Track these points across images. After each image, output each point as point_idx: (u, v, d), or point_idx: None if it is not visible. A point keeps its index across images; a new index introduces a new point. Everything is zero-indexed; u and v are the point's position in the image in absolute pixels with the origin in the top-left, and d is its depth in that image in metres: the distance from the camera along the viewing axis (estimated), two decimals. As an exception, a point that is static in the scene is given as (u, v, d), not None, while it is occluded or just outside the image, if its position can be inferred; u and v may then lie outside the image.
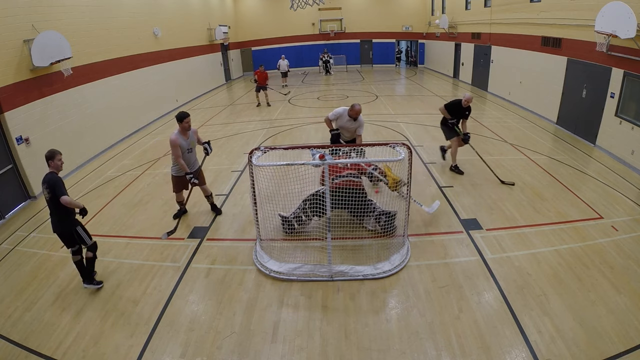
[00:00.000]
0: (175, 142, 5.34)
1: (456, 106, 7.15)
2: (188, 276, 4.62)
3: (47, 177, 4.15)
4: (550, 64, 10.35)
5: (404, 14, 23.88)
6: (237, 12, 23.48)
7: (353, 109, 5.90)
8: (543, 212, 5.69)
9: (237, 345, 3.58)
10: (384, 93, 15.77)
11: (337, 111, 6.10)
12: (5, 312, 4.17)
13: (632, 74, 7.33)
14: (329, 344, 3.56)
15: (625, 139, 7.48)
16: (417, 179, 6.83)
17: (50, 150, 4.33)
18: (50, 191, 4.06)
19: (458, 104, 7.12)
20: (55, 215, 4.19)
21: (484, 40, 15.10)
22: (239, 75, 23.58)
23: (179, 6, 15.20)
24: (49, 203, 4.17)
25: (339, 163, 4.92)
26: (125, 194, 7.05)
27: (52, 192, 4.05)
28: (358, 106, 5.92)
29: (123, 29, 10.89)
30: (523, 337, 3.50)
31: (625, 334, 3.47)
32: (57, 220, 4.20)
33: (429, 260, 4.70)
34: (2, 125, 6.62)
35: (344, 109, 6.05)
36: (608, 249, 4.74)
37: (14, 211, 6.67)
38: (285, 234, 5.29)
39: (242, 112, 13.53)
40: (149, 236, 5.54)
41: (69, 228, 4.24)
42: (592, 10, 8.01)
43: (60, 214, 4.17)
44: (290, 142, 9.60)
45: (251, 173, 4.56)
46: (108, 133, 9.86)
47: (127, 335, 3.75)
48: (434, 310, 3.90)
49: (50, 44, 7.27)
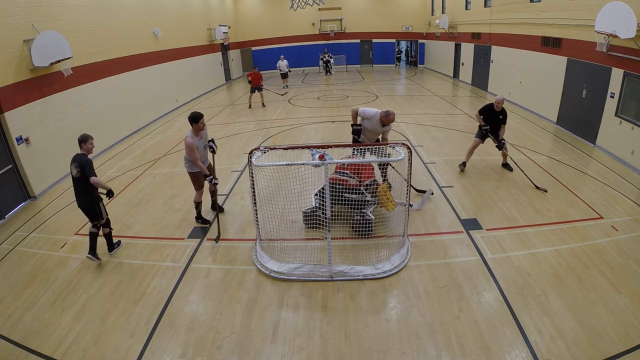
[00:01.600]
0: (193, 145, 5.15)
1: (488, 111, 6.88)
2: (188, 276, 4.62)
3: (78, 157, 4.62)
4: (550, 64, 10.35)
5: (404, 14, 23.88)
6: (237, 12, 23.48)
7: (388, 117, 5.75)
8: (543, 212, 5.69)
9: (237, 345, 3.58)
10: (384, 93, 15.77)
11: (369, 112, 5.93)
12: (5, 312, 4.17)
13: (632, 74, 7.33)
14: (329, 344, 3.56)
15: (625, 139, 7.48)
16: (417, 179, 6.83)
17: (83, 134, 4.80)
18: (80, 170, 4.55)
19: (490, 108, 6.85)
20: (81, 193, 4.69)
21: (484, 40, 15.10)
22: (239, 75, 23.58)
23: (179, 6, 15.20)
24: (76, 181, 4.65)
25: (338, 163, 4.93)
26: (125, 194, 7.05)
27: (82, 172, 4.55)
28: (393, 115, 5.77)
29: (123, 29, 10.89)
30: (523, 337, 3.50)
31: (625, 334, 3.47)
32: (83, 196, 4.71)
33: (429, 260, 4.70)
34: (2, 125, 6.62)
35: (376, 112, 5.86)
36: (608, 249, 4.74)
37: (14, 211, 6.67)
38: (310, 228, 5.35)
39: (242, 112, 13.53)
40: (149, 236, 5.54)
41: (93, 204, 4.76)
42: (592, 10, 8.01)
43: (87, 191, 4.67)
44: (290, 142, 9.59)
45: (251, 173, 4.57)
46: (108, 133, 9.86)
47: (127, 335, 3.75)
48: (434, 310, 3.90)
49: (50, 44, 7.27)
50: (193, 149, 5.16)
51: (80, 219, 6.17)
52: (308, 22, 24.04)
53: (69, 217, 6.31)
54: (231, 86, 20.35)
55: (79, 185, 4.65)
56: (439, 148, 8.69)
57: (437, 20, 19.49)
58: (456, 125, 10.46)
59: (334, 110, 12.96)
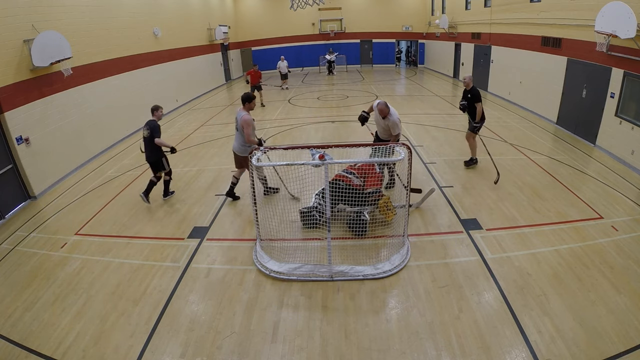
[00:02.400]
0: (250, 120, 5.65)
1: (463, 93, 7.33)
2: (188, 276, 4.62)
3: (150, 122, 6.09)
4: (550, 64, 10.35)
5: (404, 14, 23.88)
6: (237, 12, 23.48)
7: (377, 107, 5.89)
8: (543, 212, 5.69)
9: (237, 345, 3.58)
10: (384, 93, 15.77)
11: (375, 104, 6.01)
12: (5, 312, 4.17)
13: (632, 74, 7.32)
14: (329, 344, 3.56)
15: (625, 139, 7.48)
16: (417, 178, 6.83)
17: (155, 105, 6.24)
18: (150, 132, 6.02)
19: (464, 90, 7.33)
20: (149, 149, 6.16)
21: (484, 40, 15.10)
22: (239, 75, 23.57)
23: (179, 6, 15.20)
24: (146, 140, 6.11)
25: (338, 163, 4.92)
26: (125, 194, 7.06)
27: (150, 133, 6.01)
28: (382, 104, 5.85)
29: (123, 29, 10.89)
30: (523, 337, 3.50)
31: (625, 334, 3.47)
32: (150, 152, 6.18)
33: (429, 260, 4.70)
34: (2, 125, 6.62)
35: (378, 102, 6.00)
36: (608, 249, 4.74)
37: (14, 211, 6.67)
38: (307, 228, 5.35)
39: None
40: (149, 236, 5.54)
41: (158, 158, 6.26)
42: (592, 10, 8.01)
43: (152, 149, 6.14)
44: (290, 142, 9.60)
45: (251, 173, 4.57)
46: (108, 133, 9.87)
47: (127, 335, 3.75)
48: (434, 310, 3.90)
49: (50, 44, 7.26)
50: (250, 124, 5.67)
51: (80, 219, 6.19)
52: (308, 22, 24.04)
53: (69, 217, 6.31)
54: (231, 86, 20.35)
55: (148, 143, 6.10)
56: (439, 148, 8.70)
57: (437, 20, 19.49)
58: (456, 125, 10.46)
59: (334, 110, 12.95)
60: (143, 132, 6.09)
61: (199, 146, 9.71)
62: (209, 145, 9.71)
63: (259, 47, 24.32)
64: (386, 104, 5.86)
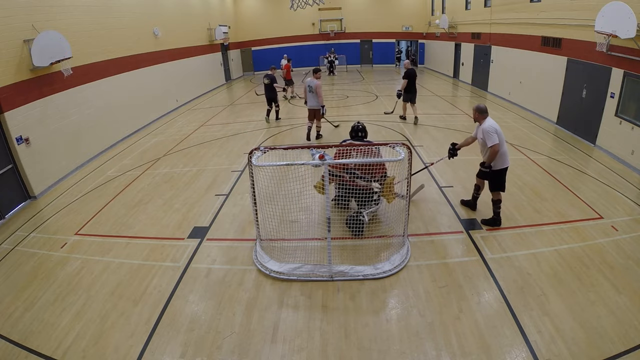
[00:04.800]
0: (321, 84, 9.07)
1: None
2: (188, 276, 4.62)
3: (269, 75, 10.80)
4: (550, 64, 10.35)
5: (404, 14, 23.87)
6: (237, 12, 23.48)
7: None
8: (543, 212, 5.69)
9: (237, 345, 3.58)
10: (384, 93, 15.76)
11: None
12: (5, 312, 4.17)
13: (632, 74, 7.32)
14: (329, 344, 3.56)
15: (625, 139, 7.48)
16: (417, 178, 6.82)
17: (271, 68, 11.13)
18: (270, 81, 10.62)
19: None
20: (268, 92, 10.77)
21: (484, 40, 15.10)
22: (239, 75, 23.58)
23: (179, 6, 15.19)
24: (267, 86, 10.72)
25: (337, 163, 4.92)
26: (125, 194, 7.05)
27: (270, 82, 10.61)
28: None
29: (123, 29, 10.89)
30: (523, 337, 3.50)
31: (625, 334, 3.47)
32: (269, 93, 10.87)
33: (429, 260, 4.70)
34: (2, 125, 6.61)
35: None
36: (608, 249, 4.74)
37: (14, 211, 6.67)
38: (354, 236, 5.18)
39: (242, 112, 13.53)
40: (149, 236, 5.54)
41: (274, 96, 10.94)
42: (592, 10, 8.01)
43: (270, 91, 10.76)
44: (290, 142, 9.60)
45: (251, 173, 4.56)
46: (108, 133, 9.86)
47: (127, 335, 3.75)
48: (434, 310, 3.90)
49: (50, 44, 7.26)
50: (321, 86, 9.00)
51: (80, 219, 6.19)
52: (308, 22, 24.03)
53: (69, 217, 6.31)
54: (231, 86, 20.35)
55: (268, 88, 10.78)
56: (439, 148, 8.68)
57: (437, 20, 19.49)
58: (456, 125, 10.47)
59: (334, 110, 12.94)
60: (264, 80, 10.74)
61: (199, 146, 9.71)
62: (209, 145, 9.71)
63: (259, 47, 24.32)
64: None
